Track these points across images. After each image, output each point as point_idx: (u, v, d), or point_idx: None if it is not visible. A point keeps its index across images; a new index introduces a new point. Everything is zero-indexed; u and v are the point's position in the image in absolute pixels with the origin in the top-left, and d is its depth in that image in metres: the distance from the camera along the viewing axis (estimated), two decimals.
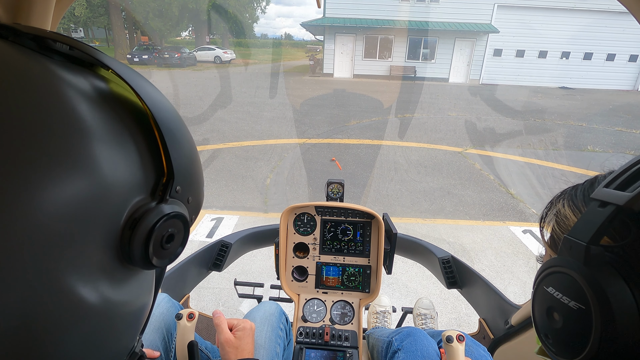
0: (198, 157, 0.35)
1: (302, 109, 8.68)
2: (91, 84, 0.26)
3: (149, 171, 0.28)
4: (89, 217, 0.22)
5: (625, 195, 0.27)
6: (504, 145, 6.11)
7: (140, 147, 0.28)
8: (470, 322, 1.97)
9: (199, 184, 0.35)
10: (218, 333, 0.70)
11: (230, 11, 27.90)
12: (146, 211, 0.27)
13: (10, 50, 0.23)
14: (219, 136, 5.99)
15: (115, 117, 0.26)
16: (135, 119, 0.28)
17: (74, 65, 0.27)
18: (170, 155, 0.28)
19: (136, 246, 0.26)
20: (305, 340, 1.07)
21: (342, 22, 15.69)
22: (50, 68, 0.24)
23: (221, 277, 2.14)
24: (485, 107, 10.05)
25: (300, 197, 3.84)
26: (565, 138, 6.82)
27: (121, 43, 21.35)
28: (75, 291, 0.22)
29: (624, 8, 0.55)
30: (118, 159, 0.25)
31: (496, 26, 15.38)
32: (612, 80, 16.31)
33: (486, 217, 3.45)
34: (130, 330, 0.30)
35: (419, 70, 16.72)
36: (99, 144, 0.24)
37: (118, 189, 0.25)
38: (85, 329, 0.23)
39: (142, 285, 0.31)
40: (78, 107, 0.23)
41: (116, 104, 0.27)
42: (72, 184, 0.21)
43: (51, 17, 0.54)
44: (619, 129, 7.80)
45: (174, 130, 0.30)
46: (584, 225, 0.29)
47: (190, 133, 0.34)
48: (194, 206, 0.34)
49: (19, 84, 0.21)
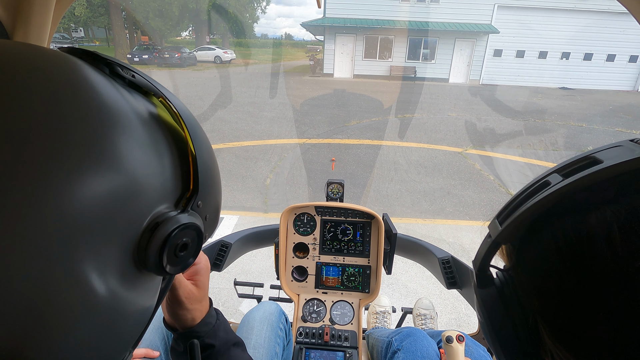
0: (220, 182, 0.40)
1: (302, 109, 8.68)
2: (143, 106, 0.31)
3: (177, 184, 0.32)
4: (116, 213, 0.25)
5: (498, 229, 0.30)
6: (504, 146, 6.11)
7: (174, 163, 0.31)
8: (470, 323, 1.97)
9: (217, 206, 0.39)
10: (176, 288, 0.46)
11: (231, 11, 27.91)
12: (167, 218, 0.29)
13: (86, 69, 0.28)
14: (219, 136, 5.99)
15: (157, 135, 0.30)
16: (174, 139, 0.33)
17: (132, 89, 0.33)
18: (199, 173, 0.33)
19: (152, 250, 0.28)
20: (305, 340, 1.07)
21: (342, 22, 15.70)
22: (116, 87, 0.30)
23: (221, 277, 2.14)
24: (485, 108, 10.05)
25: (300, 197, 3.84)
26: (566, 138, 6.82)
27: (121, 43, 21.35)
28: (88, 282, 0.23)
29: (624, 8, 0.55)
30: (153, 167, 0.28)
31: (496, 26, 15.39)
32: (612, 81, 16.31)
33: (486, 217, 3.44)
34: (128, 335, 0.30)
35: (419, 71, 16.72)
36: (139, 151, 0.27)
37: (148, 193, 0.28)
38: (90, 320, 0.24)
39: (148, 292, 0.31)
40: (129, 119, 0.28)
41: (161, 124, 0.32)
42: (106, 180, 0.24)
43: (51, 16, 0.54)
44: (619, 130, 7.80)
45: (204, 152, 0.34)
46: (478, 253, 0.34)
47: (215, 158, 0.40)
48: (210, 224, 0.37)
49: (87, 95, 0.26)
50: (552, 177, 0.27)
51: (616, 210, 0.23)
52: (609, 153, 0.25)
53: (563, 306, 0.25)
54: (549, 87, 15.93)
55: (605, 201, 0.24)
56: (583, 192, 0.25)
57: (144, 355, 0.75)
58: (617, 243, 0.22)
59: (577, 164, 0.27)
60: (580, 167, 0.26)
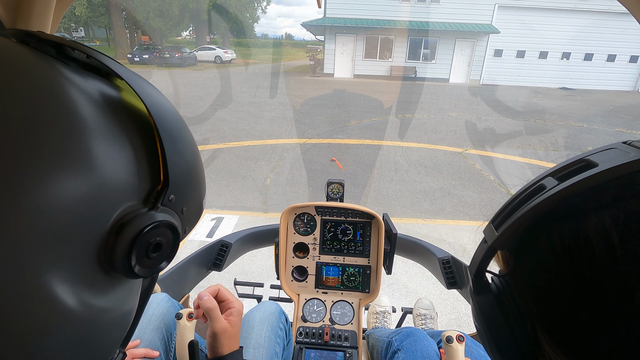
0: (200, 169, 0.35)
1: (302, 109, 8.68)
2: (99, 90, 0.27)
3: (144, 177, 0.28)
4: (72, 215, 0.22)
5: (494, 234, 0.30)
6: (504, 146, 6.11)
7: (139, 154, 0.28)
8: (470, 323, 1.97)
9: (196, 195, 0.35)
10: (212, 320, 0.61)
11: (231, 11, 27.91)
12: (134, 217, 0.26)
13: (28, 54, 0.25)
14: (219, 136, 6.00)
15: (118, 123, 0.27)
16: (139, 127, 0.29)
17: (88, 72, 0.29)
18: (167, 163, 0.29)
19: (119, 252, 0.25)
20: (305, 340, 1.07)
21: (343, 22, 15.70)
22: (61, 71, 0.26)
23: (221, 277, 2.14)
24: (485, 108, 10.04)
25: (300, 197, 3.84)
26: (566, 139, 6.82)
27: (122, 43, 21.37)
28: (51, 292, 0.21)
29: (624, 9, 0.55)
30: (113, 162, 0.25)
31: (497, 27, 15.38)
32: (613, 81, 16.31)
33: (486, 217, 3.44)
34: (107, 340, 0.28)
35: (419, 71, 16.72)
36: (95, 144, 0.24)
37: (109, 191, 0.25)
38: (60, 332, 0.23)
39: (126, 294, 0.30)
40: (80, 108, 0.24)
41: (122, 110, 0.28)
42: (62, 179, 0.22)
43: (52, 16, 0.54)
44: (619, 130, 7.80)
45: (175, 140, 0.30)
46: (474, 259, 0.33)
47: (195, 145, 0.34)
48: (189, 217, 0.34)
49: (25, 83, 0.23)
50: (547, 180, 0.27)
51: (614, 214, 0.23)
52: (604, 156, 0.25)
53: (562, 312, 0.25)
54: (550, 87, 15.93)
55: (602, 205, 0.24)
56: (579, 197, 0.25)
57: (143, 355, 0.75)
58: (617, 248, 0.22)
59: (571, 167, 0.27)
60: (575, 170, 0.26)
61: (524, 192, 0.29)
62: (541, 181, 0.28)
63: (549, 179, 0.27)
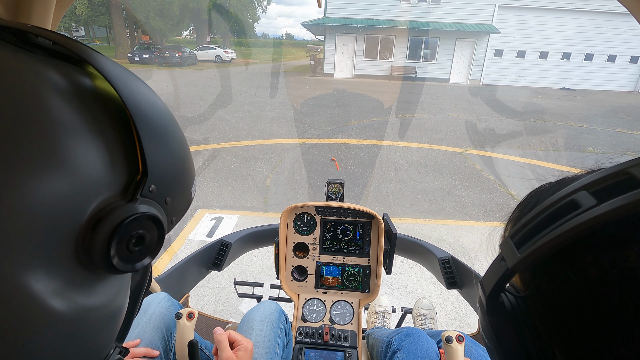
0: (184, 156, 0.33)
1: (302, 108, 8.68)
2: (68, 79, 0.26)
3: (121, 168, 0.27)
4: (42, 211, 0.21)
5: (517, 257, 0.26)
6: (505, 146, 6.10)
7: (112, 143, 0.26)
8: (470, 323, 1.97)
9: (182, 185, 0.33)
10: (220, 350, 0.69)
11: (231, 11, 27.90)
12: (111, 210, 0.25)
13: None
14: (219, 135, 6.00)
15: (88, 112, 0.25)
16: (113, 115, 0.27)
17: (55, 60, 0.27)
18: (145, 152, 0.27)
19: (97, 247, 0.24)
20: (304, 340, 1.07)
21: (343, 22, 15.69)
22: (23, 60, 0.24)
23: (221, 276, 2.13)
24: (485, 108, 10.04)
25: (300, 197, 3.84)
26: (566, 139, 6.82)
27: (122, 42, 21.37)
28: (30, 293, 0.21)
29: (624, 9, 0.55)
30: (84, 153, 0.24)
31: (497, 27, 15.38)
32: (613, 82, 16.30)
33: (486, 217, 3.45)
34: (99, 337, 0.28)
35: (419, 71, 16.71)
36: (62, 136, 0.23)
37: (81, 184, 0.24)
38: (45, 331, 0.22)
39: (113, 290, 0.29)
40: (46, 100, 0.23)
41: (94, 99, 0.26)
42: (27, 176, 0.21)
43: (52, 16, 0.54)
44: (620, 130, 7.79)
45: (153, 127, 0.28)
46: (489, 275, 0.30)
47: (179, 131, 0.33)
48: (174, 208, 0.32)
49: None
50: (581, 196, 0.23)
51: None
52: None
53: (592, 344, 0.23)
54: (550, 88, 15.92)
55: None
56: (625, 221, 0.21)
57: (143, 354, 0.75)
58: None
59: (610, 180, 0.22)
60: (616, 185, 0.22)
61: (551, 206, 0.24)
62: (573, 196, 0.23)
63: (584, 194, 0.23)
